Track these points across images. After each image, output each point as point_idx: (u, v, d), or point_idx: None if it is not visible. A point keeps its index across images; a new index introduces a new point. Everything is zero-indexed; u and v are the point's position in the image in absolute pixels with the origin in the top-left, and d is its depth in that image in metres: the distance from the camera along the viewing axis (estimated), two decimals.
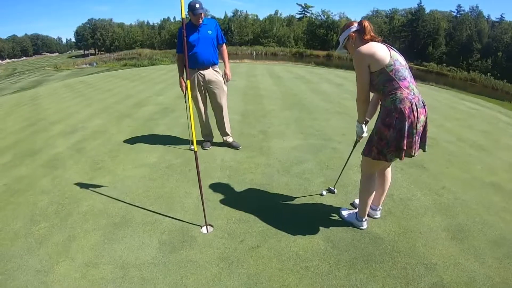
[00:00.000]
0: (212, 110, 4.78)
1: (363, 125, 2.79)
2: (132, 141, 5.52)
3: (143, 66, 32.07)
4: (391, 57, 2.43)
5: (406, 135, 2.43)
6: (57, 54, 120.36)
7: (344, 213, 3.17)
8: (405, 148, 2.46)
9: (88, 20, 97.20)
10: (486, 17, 61.39)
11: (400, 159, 2.53)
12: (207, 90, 4.65)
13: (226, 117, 4.83)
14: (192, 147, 3.94)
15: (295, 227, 3.05)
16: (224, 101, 4.71)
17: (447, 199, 3.49)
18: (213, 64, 4.51)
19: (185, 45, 2.86)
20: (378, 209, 3.12)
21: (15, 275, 2.65)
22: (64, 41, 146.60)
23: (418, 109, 2.41)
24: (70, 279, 2.57)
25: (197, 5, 4.06)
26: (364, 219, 2.97)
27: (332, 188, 3.60)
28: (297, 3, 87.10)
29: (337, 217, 3.19)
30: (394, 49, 2.53)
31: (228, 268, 2.62)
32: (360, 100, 2.61)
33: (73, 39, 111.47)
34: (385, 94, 2.46)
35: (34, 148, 5.64)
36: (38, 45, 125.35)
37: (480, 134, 6.11)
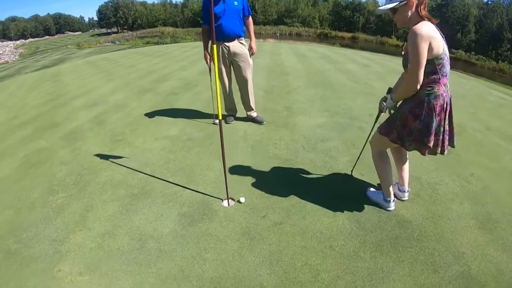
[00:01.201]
0: (237, 84, 4.70)
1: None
2: (152, 114, 5.49)
3: (165, 43, 32.14)
4: (443, 49, 2.28)
5: (433, 132, 2.38)
6: (79, 33, 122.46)
7: (371, 193, 3.07)
8: (430, 145, 2.40)
9: None
10: None
11: (422, 154, 2.47)
12: (232, 63, 4.55)
13: (251, 91, 4.71)
14: (217, 121, 3.88)
15: (319, 204, 2.96)
16: (249, 75, 4.59)
17: (475, 187, 3.33)
18: (238, 36, 4.41)
19: (212, 15, 2.74)
20: (405, 190, 3.01)
21: (31, 244, 2.67)
22: (86, 20, 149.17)
23: (447, 107, 2.39)
24: (86, 249, 2.55)
25: None
26: (391, 200, 2.86)
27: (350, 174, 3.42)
28: None
29: (363, 197, 3.08)
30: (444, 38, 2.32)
31: (249, 243, 2.55)
32: (412, 82, 2.29)
33: (96, 18, 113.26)
34: (422, 84, 2.30)
35: (55, 122, 5.71)
36: (60, 24, 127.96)
37: (509, 124, 5.77)
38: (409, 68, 2.27)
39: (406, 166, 2.92)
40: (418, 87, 2.28)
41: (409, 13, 2.28)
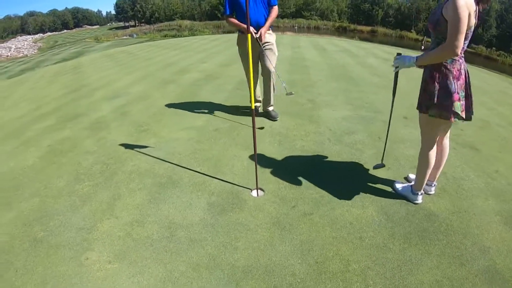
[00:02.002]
0: (261, 75, 4.57)
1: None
2: (176, 105, 5.51)
3: (183, 36, 32.32)
4: (474, 22, 2.32)
5: (454, 94, 2.42)
6: (97, 26, 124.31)
7: (398, 186, 3.09)
8: (453, 109, 2.44)
9: None
10: None
11: (448, 119, 2.48)
12: (257, 54, 4.42)
13: (273, 84, 4.56)
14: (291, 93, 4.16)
15: (348, 196, 2.99)
16: (272, 66, 4.42)
17: (500, 184, 3.34)
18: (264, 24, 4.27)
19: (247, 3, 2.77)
20: (433, 184, 3.05)
21: (58, 231, 2.70)
22: (104, 13, 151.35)
23: (466, 74, 2.47)
24: (114, 237, 2.57)
25: None
26: (419, 193, 2.90)
27: (380, 164, 3.34)
28: None
29: (390, 190, 3.10)
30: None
31: (280, 233, 2.57)
32: (452, 48, 2.26)
33: (113, 12, 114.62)
34: None
35: (77, 112, 5.78)
36: (78, 18, 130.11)
37: None
38: (450, 34, 2.26)
39: (442, 164, 2.93)
40: (459, 52, 2.28)
41: None
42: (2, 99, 8.48)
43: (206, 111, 5.15)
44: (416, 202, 2.91)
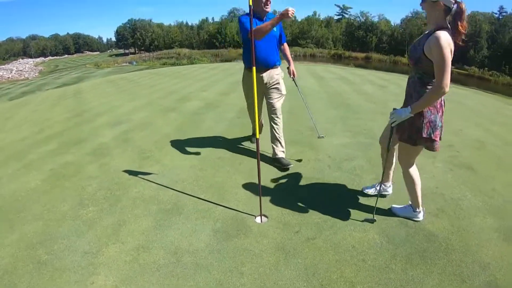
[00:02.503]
0: (268, 115, 4.22)
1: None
2: (179, 133, 5.62)
3: (182, 65, 32.82)
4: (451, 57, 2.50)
5: (438, 127, 2.62)
6: (98, 52, 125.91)
7: (397, 209, 3.19)
8: (437, 139, 2.64)
9: (129, 20, 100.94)
10: None
11: (433, 150, 2.70)
12: (264, 94, 4.23)
13: (281, 125, 4.21)
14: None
15: (349, 220, 3.09)
16: (280, 106, 4.20)
17: (497, 201, 3.48)
18: (274, 65, 4.11)
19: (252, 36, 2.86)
20: (389, 185, 3.42)
21: (62, 255, 2.72)
22: (104, 40, 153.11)
23: (443, 104, 2.65)
24: (120, 262, 2.60)
25: None
26: (419, 210, 3.04)
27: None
28: (335, 4, 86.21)
29: (390, 213, 3.21)
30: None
31: (284, 257, 2.62)
32: (443, 88, 2.41)
33: (114, 39, 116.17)
34: (425, 84, 2.59)
35: (80, 137, 5.86)
36: (79, 44, 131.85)
37: None
38: (439, 75, 2.42)
39: (394, 164, 3.23)
40: (448, 89, 2.43)
41: (436, 13, 2.48)
42: (3, 121, 8.56)
43: (208, 139, 5.26)
44: (418, 219, 3.03)
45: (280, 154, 4.17)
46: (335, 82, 11.77)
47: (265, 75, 4.04)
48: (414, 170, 2.92)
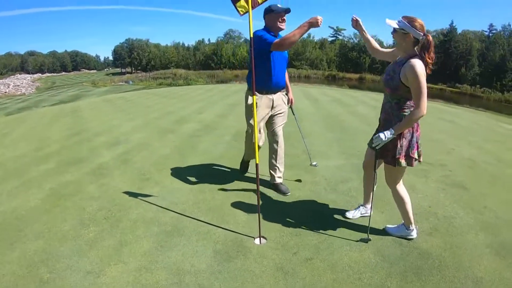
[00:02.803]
0: (269, 139, 4.18)
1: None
2: (177, 155, 5.72)
3: (178, 85, 33.12)
4: None
5: (415, 145, 2.83)
6: (95, 71, 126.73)
7: (391, 229, 3.29)
8: (415, 157, 2.85)
9: (126, 39, 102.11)
10: None
11: (411, 165, 2.87)
12: (269, 119, 4.05)
13: (283, 151, 4.19)
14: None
15: (345, 241, 3.17)
16: (282, 133, 4.16)
17: (489, 218, 3.62)
18: (282, 87, 4.05)
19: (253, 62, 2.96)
20: (366, 206, 3.54)
21: (64, 275, 2.76)
22: (102, 59, 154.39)
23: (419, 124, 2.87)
24: (123, 282, 2.65)
25: (280, 5, 3.51)
26: (412, 228, 3.14)
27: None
28: (329, 26, 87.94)
29: (384, 233, 3.30)
30: None
31: (284, 278, 2.70)
32: (422, 112, 2.64)
33: (111, 57, 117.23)
34: (402, 108, 2.80)
35: (79, 156, 5.93)
36: (77, 62, 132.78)
37: None
38: (417, 99, 2.64)
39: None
40: (425, 112, 2.65)
41: (406, 44, 2.73)
42: (1, 137, 8.63)
43: (206, 162, 5.34)
44: (411, 237, 3.14)
45: (278, 181, 4.20)
46: (330, 104, 12.03)
47: (276, 98, 3.94)
48: (402, 189, 3.06)
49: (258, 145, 4.06)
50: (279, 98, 4.00)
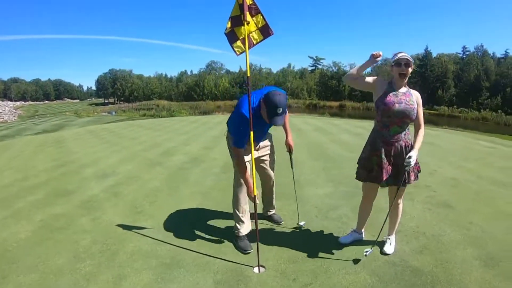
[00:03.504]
0: (261, 179, 4.16)
1: None
2: (168, 188, 5.73)
3: (162, 117, 33.12)
4: None
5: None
6: (77, 100, 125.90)
7: (390, 248, 3.45)
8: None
9: (109, 70, 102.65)
10: (491, 54, 63.28)
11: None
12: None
13: (274, 188, 4.24)
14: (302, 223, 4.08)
15: (341, 264, 3.26)
16: (272, 171, 4.13)
17: (475, 232, 3.83)
18: (265, 138, 3.94)
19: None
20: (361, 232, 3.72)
21: None
22: (85, 88, 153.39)
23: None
24: None
25: (280, 110, 3.17)
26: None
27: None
28: (309, 56, 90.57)
29: (377, 254, 3.41)
30: None
31: None
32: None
33: (94, 87, 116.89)
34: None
35: (67, 188, 5.90)
36: (60, 91, 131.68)
37: (499, 171, 6.53)
38: (422, 120, 3.12)
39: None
40: None
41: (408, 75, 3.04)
42: None
43: (198, 194, 5.38)
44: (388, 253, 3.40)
45: (272, 212, 4.31)
46: (313, 133, 12.26)
47: (261, 145, 3.85)
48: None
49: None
50: (263, 143, 3.90)
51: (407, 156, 2.97)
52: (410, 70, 3.00)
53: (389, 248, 3.41)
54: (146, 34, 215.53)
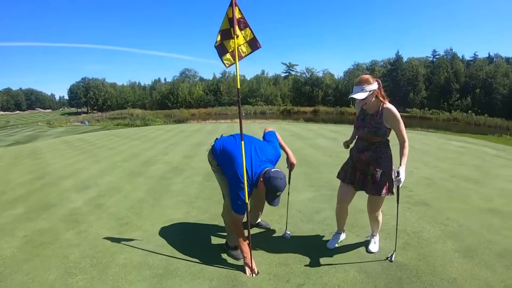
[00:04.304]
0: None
1: None
2: (151, 199, 5.65)
3: (136, 126, 32.60)
4: None
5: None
6: (50, 110, 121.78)
7: (374, 246, 3.61)
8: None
9: (82, 78, 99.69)
10: (461, 57, 65.45)
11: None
12: None
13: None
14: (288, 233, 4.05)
15: (330, 264, 3.38)
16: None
17: (452, 228, 4.07)
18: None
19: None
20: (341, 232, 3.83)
21: None
22: (57, 98, 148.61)
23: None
24: None
25: (279, 193, 3.12)
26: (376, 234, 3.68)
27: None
28: (282, 63, 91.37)
29: (364, 253, 3.57)
30: None
31: None
32: (407, 140, 3.16)
33: (66, 97, 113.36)
34: (387, 145, 3.30)
35: (48, 202, 5.75)
36: (32, 100, 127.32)
37: (471, 168, 6.95)
38: (403, 134, 3.12)
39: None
40: None
41: (375, 98, 3.12)
42: None
43: (182, 202, 5.34)
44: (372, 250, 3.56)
45: (259, 220, 4.31)
46: (290, 139, 12.35)
47: None
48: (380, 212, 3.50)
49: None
50: None
51: (396, 173, 3.05)
52: (369, 98, 3.08)
53: (373, 246, 3.58)
54: (118, 41, 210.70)
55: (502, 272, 3.10)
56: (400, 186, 3.14)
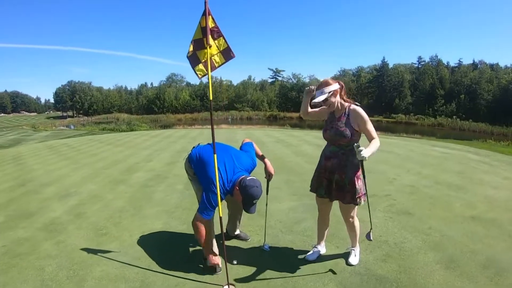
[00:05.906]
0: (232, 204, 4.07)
1: None
2: (132, 207, 5.53)
3: (122, 131, 32.11)
4: None
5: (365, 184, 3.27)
6: (35, 114, 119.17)
7: (352, 257, 3.51)
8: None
9: (68, 82, 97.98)
10: (446, 64, 66.79)
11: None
12: None
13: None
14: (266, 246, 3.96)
15: (309, 278, 3.28)
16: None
17: (434, 237, 3.97)
18: None
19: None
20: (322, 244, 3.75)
21: None
22: (42, 101, 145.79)
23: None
24: None
25: (255, 201, 3.16)
26: (357, 245, 3.58)
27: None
28: (268, 68, 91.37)
29: (343, 266, 3.47)
30: None
31: None
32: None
33: (52, 100, 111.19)
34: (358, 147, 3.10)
35: (29, 210, 5.59)
36: (17, 103, 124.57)
37: (454, 175, 6.88)
38: (374, 133, 3.03)
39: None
40: None
41: (336, 98, 3.14)
42: None
43: (163, 212, 5.24)
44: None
45: (237, 232, 4.24)
46: (274, 145, 12.32)
47: None
48: (356, 220, 3.42)
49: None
50: None
51: (356, 147, 2.86)
52: (330, 99, 3.13)
53: (353, 259, 3.50)
54: (105, 44, 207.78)
55: (485, 283, 3.03)
56: (361, 159, 2.88)
